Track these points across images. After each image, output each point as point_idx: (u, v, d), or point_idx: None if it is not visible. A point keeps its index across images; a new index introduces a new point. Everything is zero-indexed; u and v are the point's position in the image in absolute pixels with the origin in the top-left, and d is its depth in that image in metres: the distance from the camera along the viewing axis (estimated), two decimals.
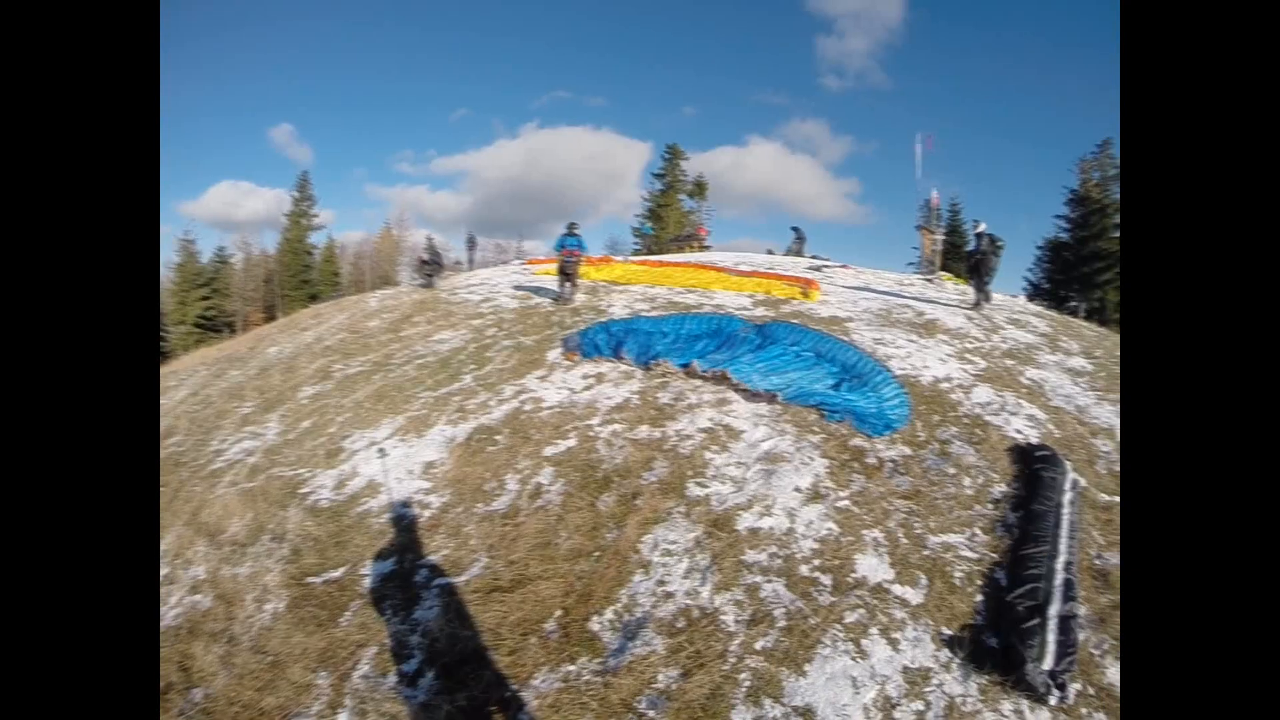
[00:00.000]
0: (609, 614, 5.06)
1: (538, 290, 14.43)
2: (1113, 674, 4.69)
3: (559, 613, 5.13)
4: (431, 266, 18.26)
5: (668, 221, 45.84)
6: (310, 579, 5.88)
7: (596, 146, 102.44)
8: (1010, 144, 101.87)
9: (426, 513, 6.57)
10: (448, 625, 5.15)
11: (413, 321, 13.25)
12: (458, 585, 5.56)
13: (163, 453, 8.67)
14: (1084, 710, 4.42)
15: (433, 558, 5.92)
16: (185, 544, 6.62)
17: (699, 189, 49.36)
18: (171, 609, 5.86)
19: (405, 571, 5.84)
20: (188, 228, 70.08)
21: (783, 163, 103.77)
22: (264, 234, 73.19)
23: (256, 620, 5.53)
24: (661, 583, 5.28)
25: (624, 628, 4.92)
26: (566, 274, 13.20)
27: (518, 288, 15.04)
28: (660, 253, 30.36)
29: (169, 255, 46.90)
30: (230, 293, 49.14)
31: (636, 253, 38.10)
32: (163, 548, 6.61)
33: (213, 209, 76.53)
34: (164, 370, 14.10)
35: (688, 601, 5.08)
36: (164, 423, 9.84)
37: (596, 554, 5.62)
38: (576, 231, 13.43)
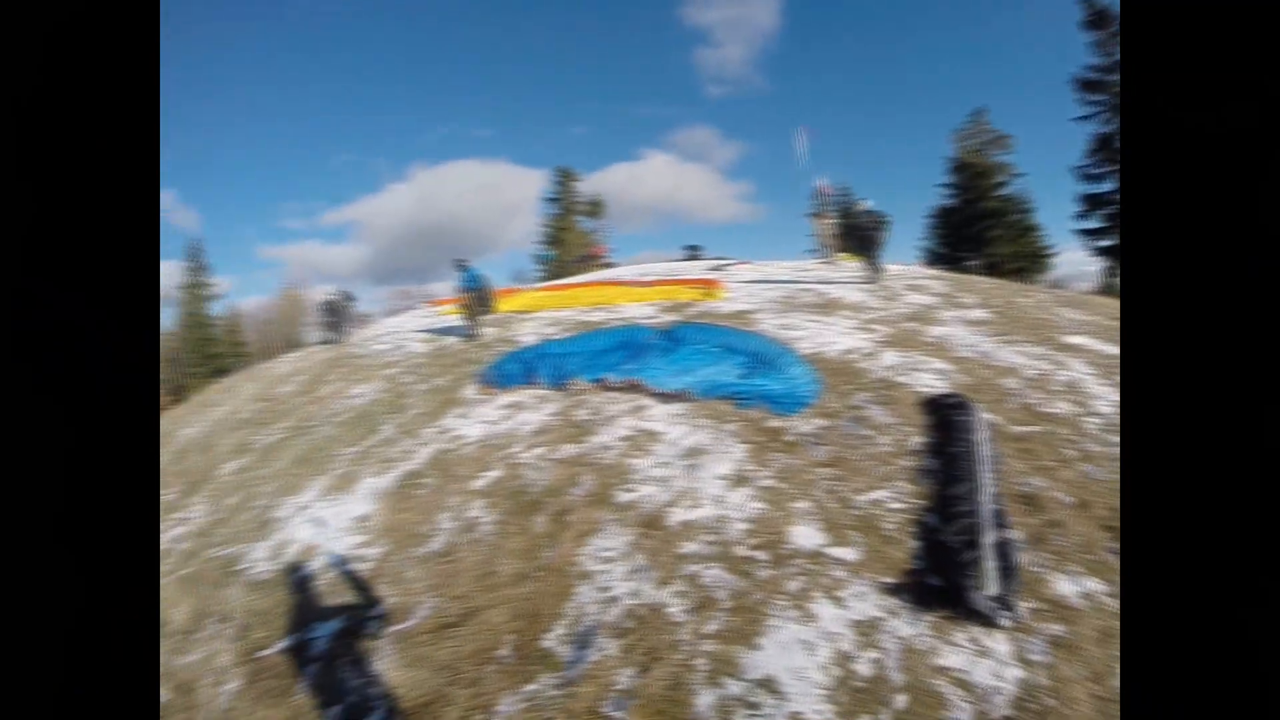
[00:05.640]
0: (559, 629, 5.05)
1: (446, 331, 14.28)
2: (1058, 586, 4.97)
3: (511, 637, 5.10)
4: (336, 321, 17.71)
5: (568, 244, 45.77)
6: (262, 652, 5.66)
7: (489, 178, 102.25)
8: (889, 126, 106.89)
9: (365, 566, 6.42)
10: (404, 671, 5.04)
11: (326, 381, 12.88)
12: (408, 630, 5.43)
13: None
14: (1038, 624, 4.67)
15: (379, 608, 5.77)
16: None
17: (595, 208, 49.54)
18: None
19: (354, 627, 5.66)
20: None
21: (677, 172, 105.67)
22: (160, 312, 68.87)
23: (216, 703, 5.28)
24: (604, 589, 5.30)
25: (576, 638, 4.95)
26: (469, 310, 13.28)
27: (427, 331, 14.82)
28: (564, 276, 30.27)
29: None
30: None
31: (541, 280, 37.88)
32: None
33: None
34: None
35: (633, 601, 5.13)
36: None
37: (538, 574, 5.63)
38: (467, 266, 13.61)
